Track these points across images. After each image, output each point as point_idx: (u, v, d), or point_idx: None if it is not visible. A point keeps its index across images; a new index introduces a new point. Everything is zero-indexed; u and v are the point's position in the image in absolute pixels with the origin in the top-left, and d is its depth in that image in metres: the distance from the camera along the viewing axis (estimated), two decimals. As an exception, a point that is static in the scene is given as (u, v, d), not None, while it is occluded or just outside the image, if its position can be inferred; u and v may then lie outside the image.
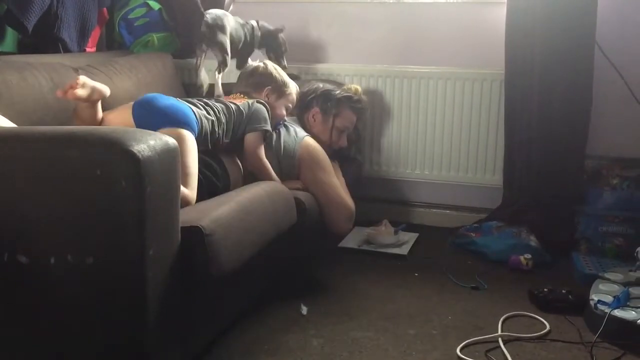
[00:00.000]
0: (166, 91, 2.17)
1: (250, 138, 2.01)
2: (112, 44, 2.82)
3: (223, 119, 1.93)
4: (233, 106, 1.99)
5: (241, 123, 1.99)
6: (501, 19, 2.53)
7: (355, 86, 2.47)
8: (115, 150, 1.18)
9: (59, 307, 1.27)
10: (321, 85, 2.40)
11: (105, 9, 2.66)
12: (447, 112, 2.72)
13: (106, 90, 1.79)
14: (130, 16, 2.75)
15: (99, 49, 2.70)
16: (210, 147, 1.87)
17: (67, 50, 2.42)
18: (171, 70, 2.65)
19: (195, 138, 1.75)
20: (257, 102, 2.08)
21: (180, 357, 1.42)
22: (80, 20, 2.46)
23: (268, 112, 2.07)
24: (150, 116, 1.75)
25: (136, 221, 1.20)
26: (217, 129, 1.89)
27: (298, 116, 2.33)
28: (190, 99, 1.95)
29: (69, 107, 1.99)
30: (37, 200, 1.25)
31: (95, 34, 2.63)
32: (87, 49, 2.58)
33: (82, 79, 1.71)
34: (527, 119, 2.53)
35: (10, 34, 2.30)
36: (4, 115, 1.57)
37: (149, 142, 1.22)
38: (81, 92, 1.69)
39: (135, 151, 1.17)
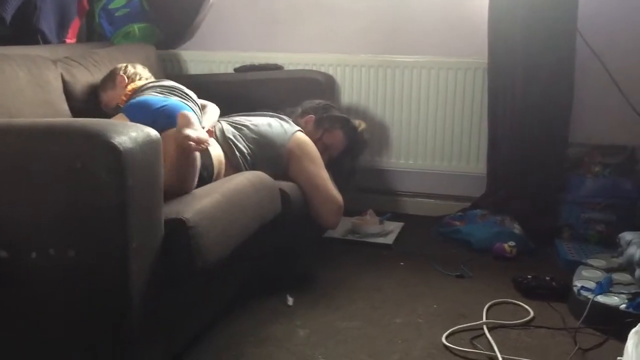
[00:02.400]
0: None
1: None
2: (92, 35, 2.79)
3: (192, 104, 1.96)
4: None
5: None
6: (484, 8, 2.53)
7: (360, 121, 2.47)
8: (95, 142, 1.17)
9: (41, 301, 1.26)
10: (328, 102, 2.41)
11: (85, -1, 2.63)
12: (431, 102, 2.72)
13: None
14: (111, 6, 2.72)
15: (79, 40, 2.65)
16: None
17: (46, 41, 2.38)
18: (154, 62, 2.63)
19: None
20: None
21: (164, 350, 1.41)
22: (59, 11, 2.43)
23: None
24: (152, 119, 1.69)
25: (118, 214, 1.18)
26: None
27: (294, 118, 2.30)
28: (169, 91, 1.94)
29: (47, 100, 1.97)
30: (17, 194, 1.23)
31: (75, 25, 2.59)
32: (67, 40, 2.54)
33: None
34: (510, 107, 2.54)
35: (-12, 26, 2.26)
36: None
37: (130, 134, 1.20)
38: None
39: (116, 143, 1.16)
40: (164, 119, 1.71)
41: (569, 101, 2.49)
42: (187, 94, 2.02)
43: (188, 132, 1.54)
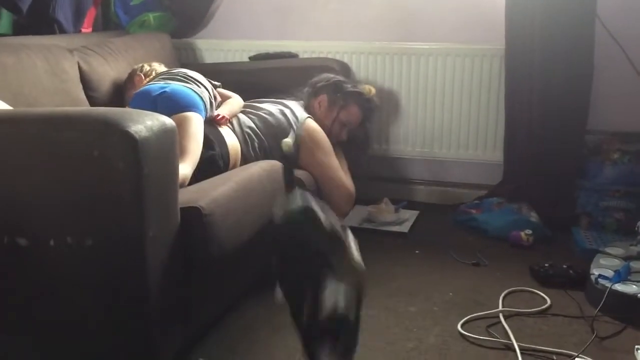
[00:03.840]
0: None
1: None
2: (108, 24, 2.80)
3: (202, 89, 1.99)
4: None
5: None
6: (501, -7, 2.50)
7: (370, 86, 2.45)
8: (112, 131, 1.17)
9: (59, 289, 1.28)
10: (334, 76, 2.38)
11: (100, -12, 2.64)
12: (447, 89, 2.70)
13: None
14: (126, -4, 2.72)
15: (95, 29, 2.67)
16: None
17: (62, 31, 2.40)
18: (169, 51, 2.64)
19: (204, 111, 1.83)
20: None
21: (182, 337, 1.43)
22: (75, 1, 2.44)
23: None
24: (152, 106, 1.72)
25: (134, 202, 1.19)
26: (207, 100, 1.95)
27: (305, 101, 2.30)
28: (171, 77, 1.98)
29: (64, 89, 1.99)
30: (35, 182, 1.25)
31: (91, 15, 2.61)
32: (83, 30, 2.56)
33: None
34: (528, 95, 2.51)
35: (5, 16, 2.28)
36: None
37: (146, 123, 1.21)
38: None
39: (133, 132, 1.16)
40: (164, 102, 1.74)
41: (588, 88, 2.46)
42: (190, 77, 2.02)
43: None
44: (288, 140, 1.86)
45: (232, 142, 1.92)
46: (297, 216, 1.23)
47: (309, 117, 2.16)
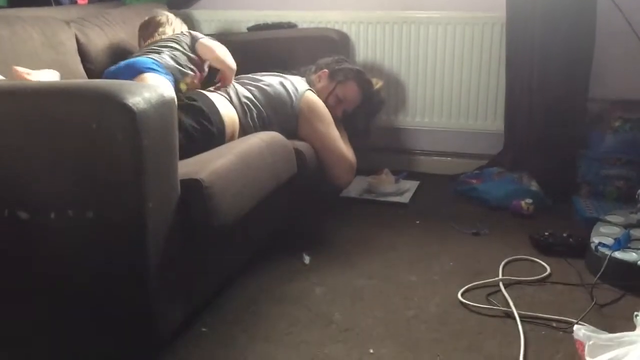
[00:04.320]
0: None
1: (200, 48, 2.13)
2: (104, -5, 2.76)
3: (175, 54, 2.05)
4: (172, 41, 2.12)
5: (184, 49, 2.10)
6: (502, -41, 2.46)
7: (378, 80, 2.42)
8: (109, 103, 1.17)
9: (60, 261, 1.28)
10: (344, 58, 2.37)
11: (95, -41, 2.60)
12: (447, 58, 2.68)
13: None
14: (122, -34, 2.68)
15: (91, 1, 2.63)
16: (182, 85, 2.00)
17: (58, 3, 2.37)
18: (165, 21, 2.60)
19: (169, 74, 1.94)
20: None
21: (183, 309, 1.44)
22: (70, -28, 2.41)
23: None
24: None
25: (134, 175, 1.19)
26: (175, 64, 2.01)
27: (307, 77, 2.28)
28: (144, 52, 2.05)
29: (61, 61, 1.97)
30: (35, 156, 1.24)
31: (87, -14, 2.57)
32: (79, 1, 2.53)
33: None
34: (529, 63, 2.49)
35: (0, -12, 2.25)
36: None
37: (143, 95, 1.20)
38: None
39: (130, 104, 1.16)
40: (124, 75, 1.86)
41: (590, 55, 2.44)
42: (158, 47, 2.07)
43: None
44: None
45: (228, 112, 1.91)
46: None
47: (309, 89, 2.14)
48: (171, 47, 2.07)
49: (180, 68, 2.01)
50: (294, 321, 1.56)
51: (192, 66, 2.07)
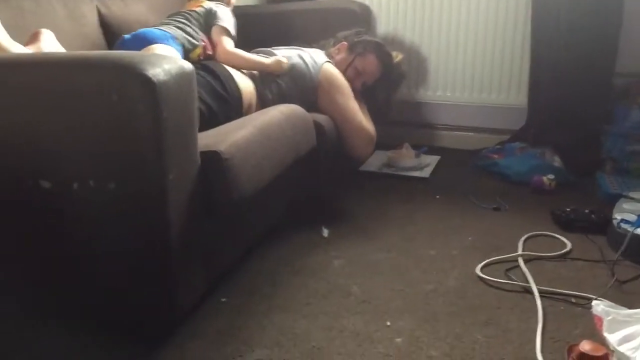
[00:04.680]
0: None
1: (213, 36, 2.06)
2: (125, -33, 2.75)
3: (187, 28, 2.02)
4: (192, 13, 2.10)
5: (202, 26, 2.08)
6: None
7: (399, 53, 2.39)
8: (130, 74, 1.17)
9: (83, 230, 1.30)
10: (364, 31, 2.34)
11: None
12: (470, 31, 2.64)
13: None
14: (142, -63, 2.66)
15: (112, -27, 2.62)
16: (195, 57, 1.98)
17: (80, -25, 2.36)
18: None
19: (179, 45, 1.92)
20: (217, 4, 2.16)
21: (203, 277, 1.46)
22: (91, -57, 2.39)
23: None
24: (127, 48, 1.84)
25: (154, 146, 1.20)
26: (185, 35, 1.99)
27: (326, 50, 2.26)
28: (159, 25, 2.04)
29: (84, 33, 1.98)
30: (57, 126, 1.26)
31: (108, -43, 2.56)
32: (100, -27, 2.52)
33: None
34: (555, 36, 2.44)
35: (21, -41, 2.25)
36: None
37: (163, 66, 1.20)
38: None
39: (150, 75, 1.16)
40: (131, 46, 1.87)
41: (617, 29, 2.38)
42: (171, 20, 2.06)
43: None
44: None
45: (244, 81, 1.91)
46: None
47: (328, 61, 2.13)
48: (183, 21, 2.05)
49: (190, 38, 1.99)
50: (313, 292, 1.58)
51: (202, 35, 2.05)
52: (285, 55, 2.08)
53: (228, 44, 2.04)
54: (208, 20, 2.10)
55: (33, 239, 1.36)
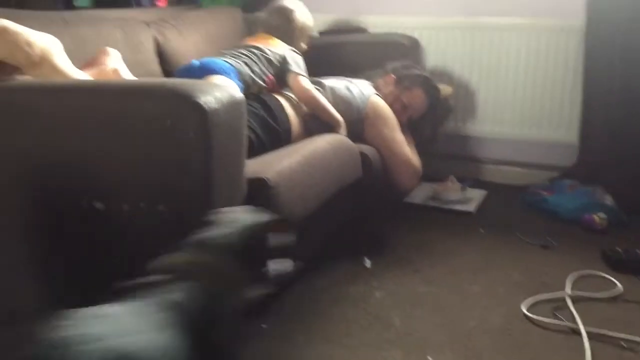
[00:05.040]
0: (234, 45, 2.20)
1: (289, 81, 2.05)
2: (182, -2, 2.86)
3: (254, 66, 2.02)
4: (266, 52, 2.09)
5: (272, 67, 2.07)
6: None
7: (447, 87, 2.38)
8: (183, 101, 1.21)
9: (132, 251, 1.33)
10: (412, 64, 2.35)
11: (175, -37, 2.69)
12: (521, 66, 2.62)
13: None
14: (199, -30, 2.77)
15: (170, 3, 2.73)
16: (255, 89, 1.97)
17: (139, 4, 2.47)
18: (240, 24, 2.66)
19: (240, 81, 1.91)
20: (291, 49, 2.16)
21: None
22: (150, -25, 2.50)
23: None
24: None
25: (203, 171, 1.23)
26: (250, 73, 1.99)
27: (374, 81, 2.28)
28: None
29: (140, 61, 2.05)
30: (111, 149, 1.30)
31: (166, -12, 2.67)
32: (158, 3, 2.62)
33: None
34: (609, 74, 2.40)
35: (86, -10, 2.37)
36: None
37: (215, 94, 1.23)
38: None
39: (202, 103, 1.19)
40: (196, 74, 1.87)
41: (674, 66, 2.33)
42: (238, 53, 2.06)
43: None
44: None
45: (294, 112, 1.94)
46: None
47: (376, 93, 2.15)
48: (253, 59, 2.05)
49: (254, 77, 2.00)
50: (353, 323, 1.57)
51: (266, 77, 2.06)
52: (333, 85, 2.11)
53: (306, 83, 2.05)
54: (283, 65, 2.09)
55: (87, 255, 1.40)
